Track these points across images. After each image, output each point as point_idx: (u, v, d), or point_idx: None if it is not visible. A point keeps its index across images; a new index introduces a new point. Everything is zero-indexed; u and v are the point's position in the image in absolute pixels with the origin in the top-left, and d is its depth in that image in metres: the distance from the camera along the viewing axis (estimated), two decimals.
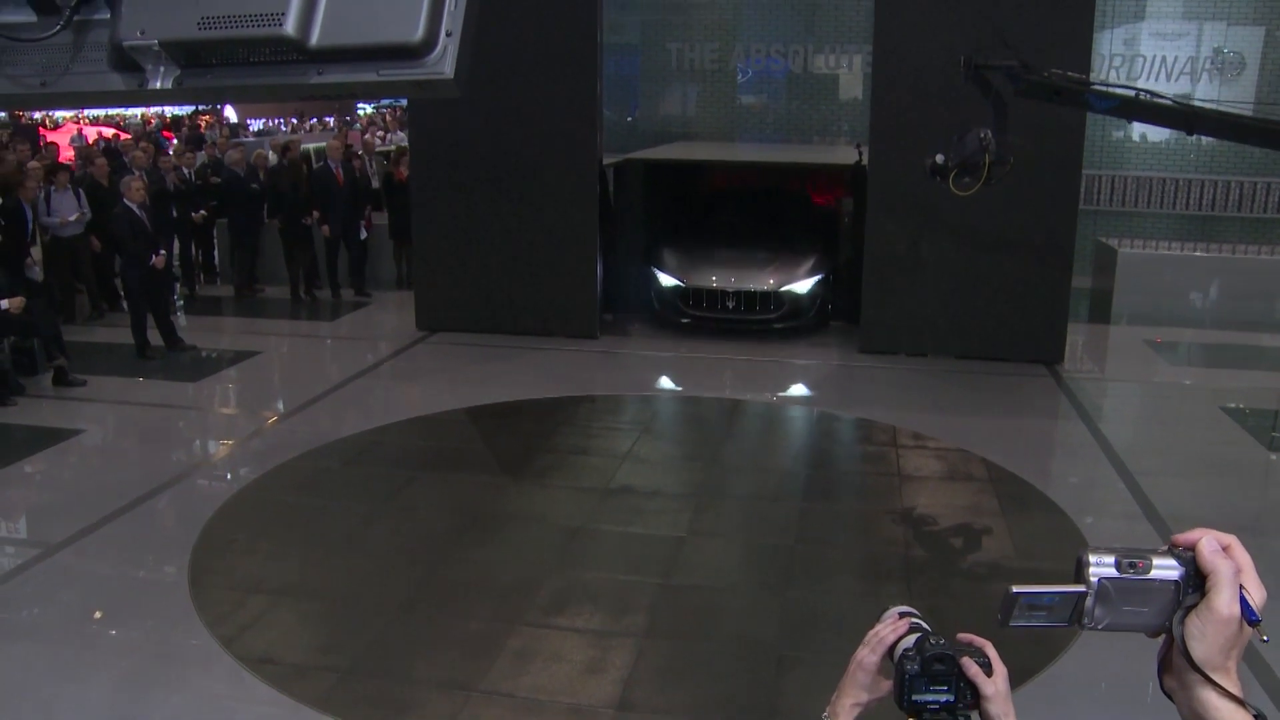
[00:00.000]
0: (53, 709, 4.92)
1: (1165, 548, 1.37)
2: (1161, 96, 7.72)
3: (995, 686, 1.67)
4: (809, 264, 11.82)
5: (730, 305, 11.47)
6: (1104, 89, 7.96)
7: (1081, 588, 1.38)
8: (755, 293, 11.49)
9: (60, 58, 1.45)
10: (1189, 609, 1.31)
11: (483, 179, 11.34)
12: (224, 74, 1.41)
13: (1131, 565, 1.36)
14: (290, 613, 5.81)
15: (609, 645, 5.43)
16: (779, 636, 5.57)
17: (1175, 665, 1.32)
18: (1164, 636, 1.36)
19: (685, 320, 11.67)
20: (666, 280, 11.86)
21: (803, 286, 11.64)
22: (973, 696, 1.68)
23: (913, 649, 1.72)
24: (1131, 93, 7.66)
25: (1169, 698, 1.34)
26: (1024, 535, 6.83)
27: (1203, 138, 14.63)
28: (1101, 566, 1.37)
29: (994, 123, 7.45)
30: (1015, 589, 1.41)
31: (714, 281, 11.59)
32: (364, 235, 13.93)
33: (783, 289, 11.54)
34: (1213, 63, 14.48)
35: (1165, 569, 1.35)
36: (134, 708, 4.95)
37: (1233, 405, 9.45)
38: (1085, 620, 1.39)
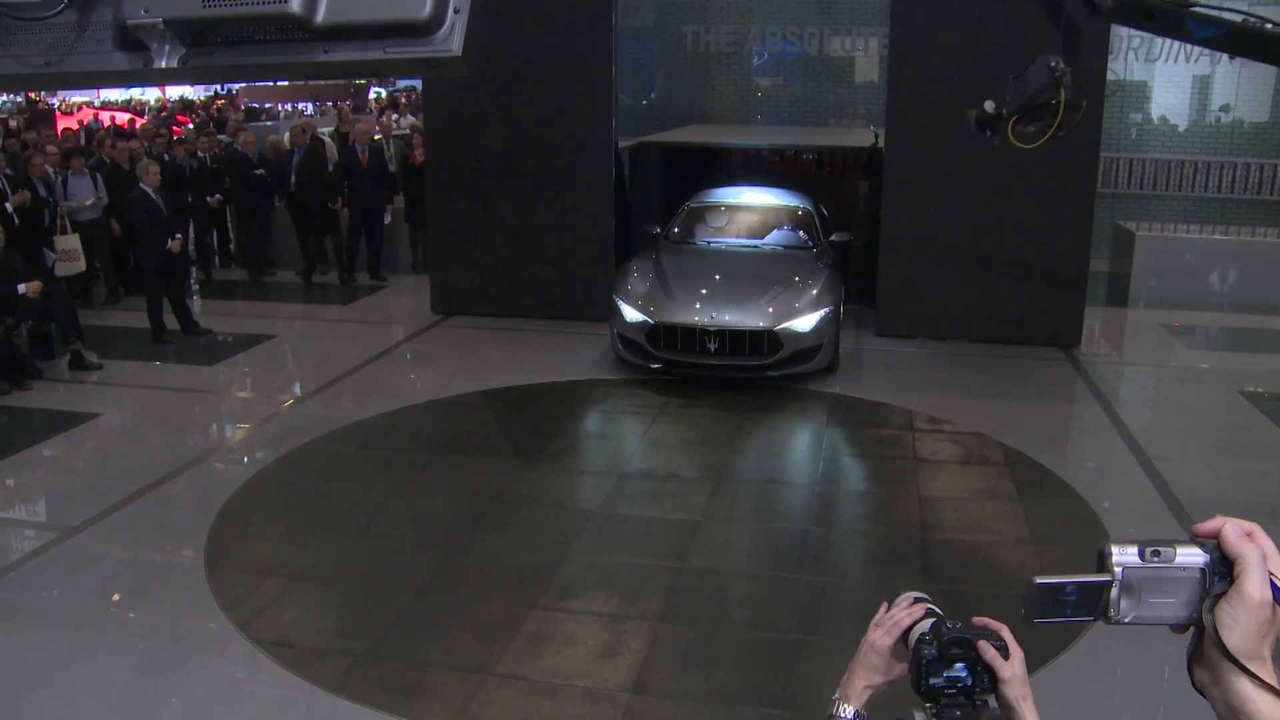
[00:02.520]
0: (70, 691, 4.95)
1: (1187, 537, 1.34)
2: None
3: (1012, 669, 1.66)
4: (815, 291, 9.53)
5: (712, 348, 9.11)
6: (1209, 13, 6.20)
7: (1106, 577, 1.34)
8: (744, 332, 9.14)
9: (65, 37, 1.44)
10: (1218, 596, 1.26)
11: (498, 162, 11.33)
12: (229, 53, 1.39)
13: (1155, 553, 1.32)
14: (306, 596, 5.83)
15: (624, 629, 5.43)
16: (794, 621, 5.56)
17: (1207, 657, 1.27)
18: (1192, 630, 1.32)
19: (655, 366, 9.40)
20: (631, 314, 9.51)
21: (807, 322, 9.22)
22: (990, 680, 1.67)
23: (929, 633, 1.72)
24: (1238, 18, 6.08)
25: (1201, 693, 1.30)
26: (1041, 520, 6.79)
27: (1221, 117, 14.53)
28: (1124, 555, 1.33)
29: (1066, 54, 5.98)
30: (1038, 580, 1.37)
31: (691, 318, 9.21)
32: (387, 220, 13.89)
33: (780, 326, 9.13)
34: None
35: (1190, 556, 1.30)
36: (151, 690, 4.97)
37: (1251, 389, 9.39)
38: (1111, 612, 1.35)
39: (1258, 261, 12.89)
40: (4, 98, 28.27)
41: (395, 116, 21.73)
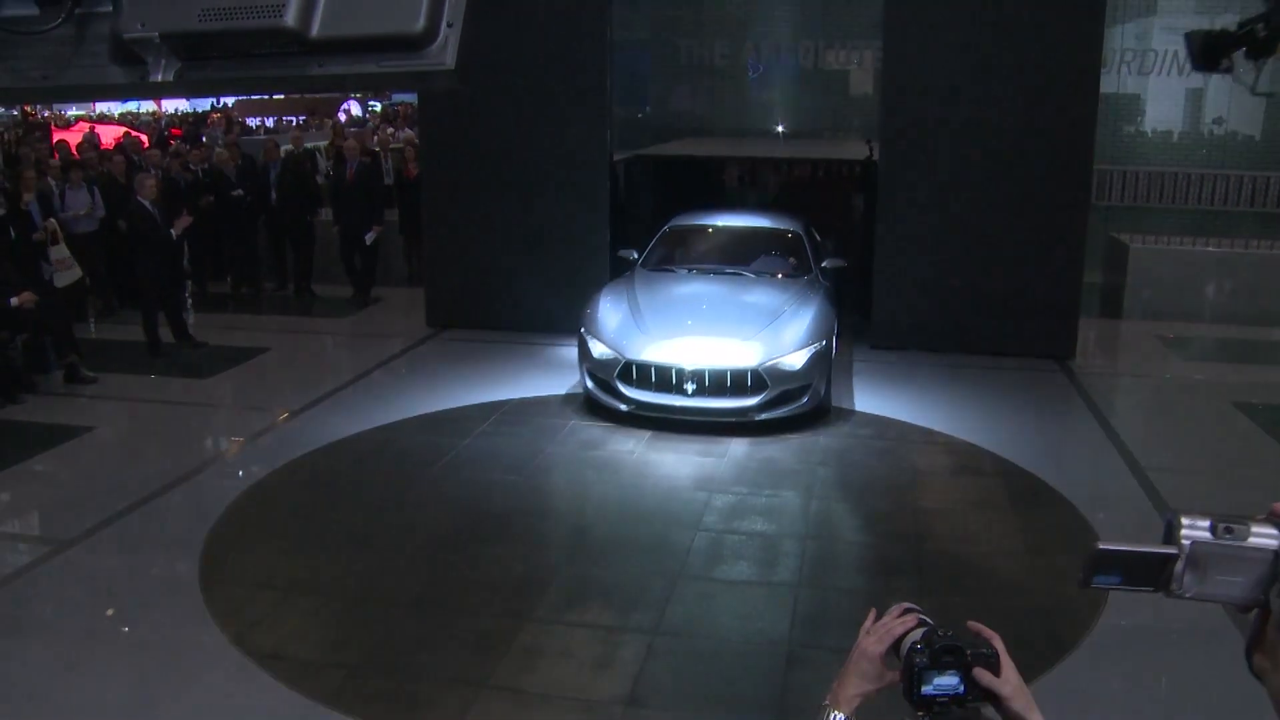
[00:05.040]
0: (65, 705, 4.93)
1: (1264, 516, 1.29)
2: None
3: (1010, 684, 1.67)
4: (805, 325, 8.70)
5: (690, 389, 8.33)
6: None
7: (1173, 549, 1.30)
8: (726, 371, 8.35)
9: (62, 50, 1.46)
10: None
11: (493, 175, 11.35)
12: (225, 66, 1.41)
13: (1228, 530, 1.27)
14: (300, 609, 5.82)
15: (619, 641, 5.43)
16: (789, 632, 5.56)
17: (1269, 642, 1.24)
18: (1255, 613, 1.28)
19: (624, 408, 8.59)
20: (600, 350, 8.72)
21: (796, 359, 8.40)
22: (982, 688, 1.68)
23: (920, 642, 1.72)
24: None
25: (1258, 679, 1.26)
26: (1035, 531, 6.81)
27: (1214, 130, 14.60)
28: (1195, 530, 1.28)
29: None
30: (1101, 546, 1.33)
31: (666, 356, 8.43)
32: (369, 239, 13.19)
33: (766, 365, 8.33)
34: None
35: (1264, 537, 1.26)
36: (145, 704, 4.96)
37: (1245, 400, 9.41)
38: (1174, 586, 1.31)
39: (1251, 273, 12.93)
40: None
41: (391, 130, 21.74)
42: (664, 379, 8.40)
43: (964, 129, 10.23)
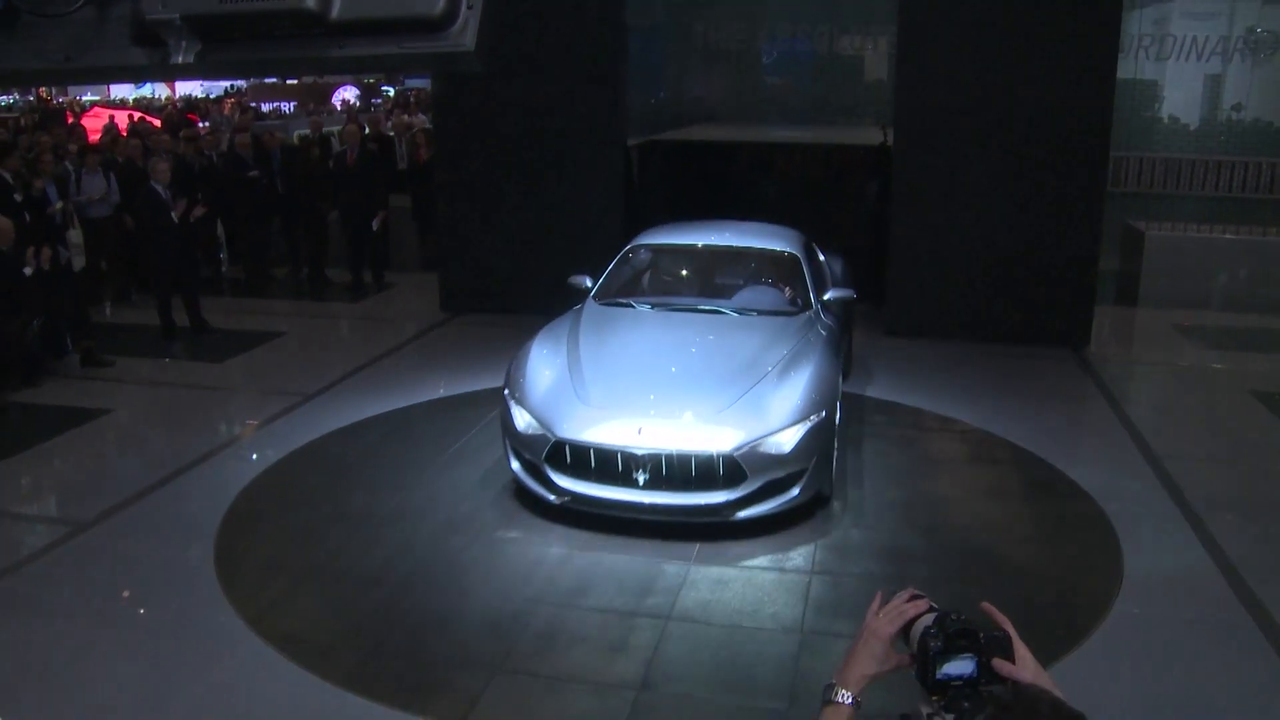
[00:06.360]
0: (81, 687, 4.97)
1: None
2: None
3: (1029, 669, 1.68)
4: (799, 387, 6.60)
5: (642, 479, 6.29)
6: None
7: None
8: (690, 457, 6.24)
9: (84, 32, 1.46)
10: None
11: (507, 160, 11.35)
12: (245, 48, 1.42)
13: None
14: (316, 592, 5.85)
15: (632, 626, 5.44)
16: (802, 618, 5.57)
17: None
18: None
19: (554, 500, 6.50)
20: (524, 422, 6.62)
21: (785, 438, 6.28)
22: (996, 673, 1.69)
23: (934, 626, 1.73)
24: None
25: None
26: (1049, 520, 6.80)
27: (1234, 116, 14.51)
28: None
29: None
30: None
31: (610, 435, 6.33)
32: (374, 226, 13.04)
33: (744, 448, 6.21)
34: (1245, 42, 14.29)
35: None
36: (161, 686, 4.99)
37: (1263, 389, 9.36)
38: None
39: (1268, 261, 12.84)
40: (13, 97, 28.50)
41: (405, 116, 21.73)
42: (607, 465, 6.36)
43: (979, 115, 10.18)
